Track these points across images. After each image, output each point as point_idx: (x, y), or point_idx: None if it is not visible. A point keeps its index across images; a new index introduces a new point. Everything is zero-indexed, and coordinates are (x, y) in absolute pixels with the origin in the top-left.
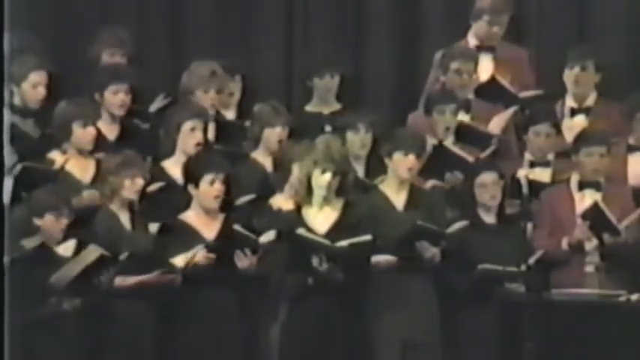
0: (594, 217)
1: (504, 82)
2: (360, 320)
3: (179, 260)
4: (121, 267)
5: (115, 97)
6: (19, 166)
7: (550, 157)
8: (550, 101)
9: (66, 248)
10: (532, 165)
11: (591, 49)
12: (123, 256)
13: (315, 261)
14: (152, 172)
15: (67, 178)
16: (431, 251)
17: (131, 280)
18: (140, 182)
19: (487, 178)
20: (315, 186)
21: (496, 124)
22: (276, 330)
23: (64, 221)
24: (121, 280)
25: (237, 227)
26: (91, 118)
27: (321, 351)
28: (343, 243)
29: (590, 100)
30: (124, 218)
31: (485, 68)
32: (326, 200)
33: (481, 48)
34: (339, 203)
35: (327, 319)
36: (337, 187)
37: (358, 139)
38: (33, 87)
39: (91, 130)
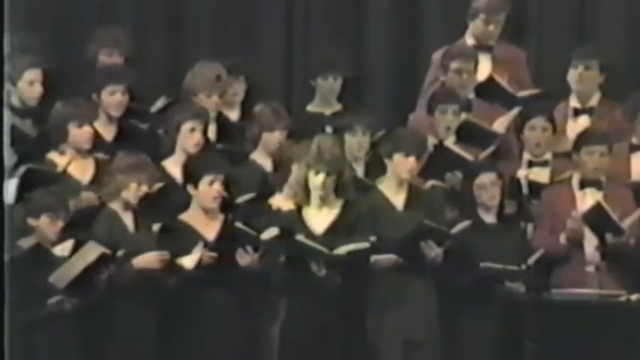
0: (596, 216)
1: (502, 82)
2: (360, 320)
3: (187, 261)
4: (121, 265)
5: (112, 98)
6: (23, 168)
7: (548, 156)
8: (549, 100)
9: (63, 249)
10: (531, 165)
11: (596, 48)
12: (120, 253)
13: (313, 267)
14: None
15: (67, 179)
16: (435, 251)
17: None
18: (144, 189)
19: (485, 178)
20: (311, 187)
21: (500, 124)
22: (276, 330)
23: (60, 223)
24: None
25: (238, 224)
26: (88, 117)
27: (321, 351)
28: (341, 251)
29: (594, 101)
30: (127, 218)
31: (484, 68)
32: (324, 201)
33: (478, 47)
34: (337, 203)
35: (326, 319)
36: (335, 187)
37: (355, 141)
38: (29, 84)
39: (87, 130)
